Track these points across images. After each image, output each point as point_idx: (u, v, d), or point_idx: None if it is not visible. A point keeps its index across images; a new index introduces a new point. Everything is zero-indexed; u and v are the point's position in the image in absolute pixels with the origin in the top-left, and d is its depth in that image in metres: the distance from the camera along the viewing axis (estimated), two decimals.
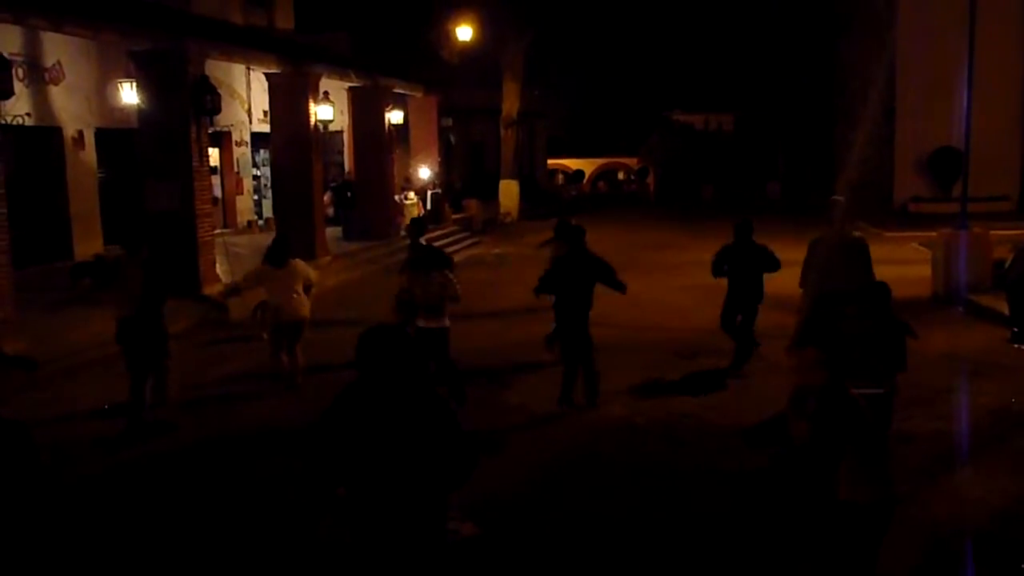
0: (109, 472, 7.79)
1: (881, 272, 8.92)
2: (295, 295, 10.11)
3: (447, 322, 9.31)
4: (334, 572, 5.69)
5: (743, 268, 10.42)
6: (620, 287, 9.49)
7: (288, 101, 18.53)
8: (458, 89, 30.07)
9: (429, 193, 26.44)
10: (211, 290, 14.89)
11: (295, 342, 10.22)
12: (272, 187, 21.33)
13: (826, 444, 4.57)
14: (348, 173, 25.76)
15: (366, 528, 3.79)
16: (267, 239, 13.15)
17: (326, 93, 19.82)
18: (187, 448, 8.42)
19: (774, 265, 10.35)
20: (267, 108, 19.88)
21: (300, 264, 10.41)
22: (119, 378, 9.17)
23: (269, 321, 10.54)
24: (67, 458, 7.90)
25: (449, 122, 31.59)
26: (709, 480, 7.33)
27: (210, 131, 16.51)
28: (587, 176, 51.81)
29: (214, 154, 20.74)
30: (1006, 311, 12.16)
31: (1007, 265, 12.23)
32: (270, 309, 10.44)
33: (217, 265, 15.71)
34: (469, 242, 25.46)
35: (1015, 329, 11.76)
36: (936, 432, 8.13)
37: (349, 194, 23.33)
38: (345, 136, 25.75)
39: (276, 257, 10.15)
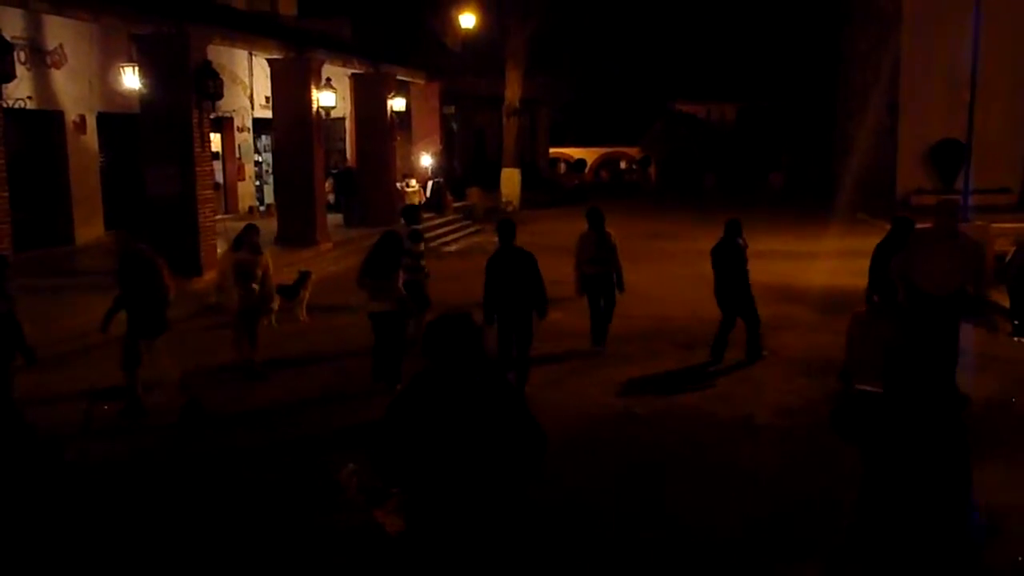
0: (95, 458, 7.79)
1: (884, 264, 8.88)
2: (267, 282, 10.27)
3: (395, 305, 9.61)
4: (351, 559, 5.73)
5: (723, 266, 10.67)
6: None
7: (290, 87, 18.50)
8: (461, 77, 29.98)
9: (430, 182, 26.41)
10: (211, 276, 14.88)
11: (256, 328, 10.31)
12: (273, 173, 21.33)
13: None
14: (349, 160, 25.73)
15: (433, 517, 3.84)
16: (268, 225, 13.11)
17: (328, 79, 19.79)
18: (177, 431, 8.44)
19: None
20: (269, 94, 19.87)
21: (266, 253, 10.55)
22: (114, 364, 9.14)
23: (239, 308, 10.31)
24: (58, 442, 7.87)
25: (451, 109, 31.53)
26: (705, 470, 7.35)
27: (212, 116, 16.48)
28: (589, 165, 51.72)
29: (216, 140, 20.72)
30: (1007, 304, 12.16)
31: (1008, 259, 12.22)
32: (240, 296, 10.27)
33: (218, 251, 15.71)
34: (470, 230, 25.44)
35: (1016, 322, 11.78)
36: None
37: (353, 182, 23.27)
38: (347, 123, 25.72)
39: (252, 245, 10.20)
